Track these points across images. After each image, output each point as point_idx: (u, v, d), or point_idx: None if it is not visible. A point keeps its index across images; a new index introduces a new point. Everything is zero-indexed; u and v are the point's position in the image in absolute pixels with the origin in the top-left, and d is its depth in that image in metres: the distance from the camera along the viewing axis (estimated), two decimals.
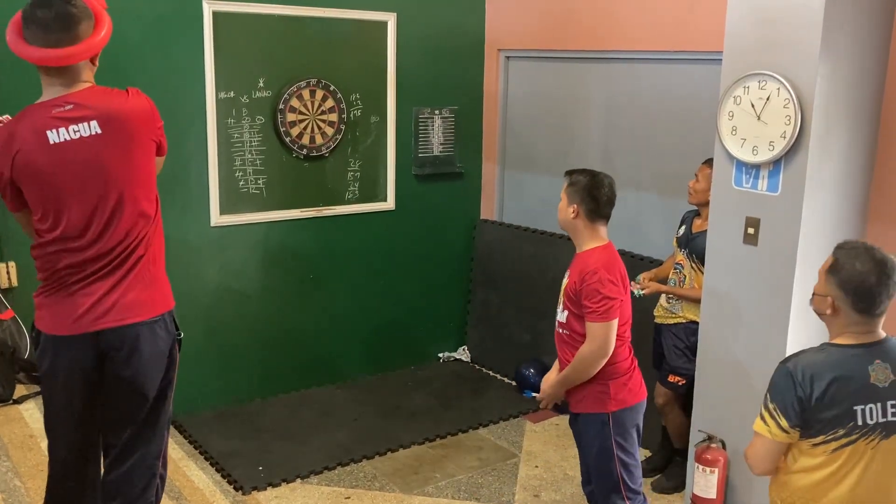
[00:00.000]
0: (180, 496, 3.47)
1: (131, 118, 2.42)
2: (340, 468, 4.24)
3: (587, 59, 4.98)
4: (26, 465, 3.37)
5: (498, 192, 5.71)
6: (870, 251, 2.16)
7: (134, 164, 2.44)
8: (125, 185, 2.42)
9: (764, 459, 2.27)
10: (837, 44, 3.06)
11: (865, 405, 2.15)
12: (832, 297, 2.19)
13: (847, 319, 2.19)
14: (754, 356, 3.31)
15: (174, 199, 4.47)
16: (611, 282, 2.90)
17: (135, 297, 2.50)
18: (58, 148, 2.32)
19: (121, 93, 2.46)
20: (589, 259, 2.95)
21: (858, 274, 2.13)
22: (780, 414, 2.19)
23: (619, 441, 3.02)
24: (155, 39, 4.28)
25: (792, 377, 2.18)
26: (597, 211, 2.97)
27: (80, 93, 2.36)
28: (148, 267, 2.54)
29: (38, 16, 2.26)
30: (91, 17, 2.37)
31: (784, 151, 3.12)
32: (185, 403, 4.67)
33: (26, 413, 3.85)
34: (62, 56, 2.28)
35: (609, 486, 3.06)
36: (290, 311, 5.05)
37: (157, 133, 2.53)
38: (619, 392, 3.00)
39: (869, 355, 2.18)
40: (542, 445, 4.56)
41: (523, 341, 5.36)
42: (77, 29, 2.31)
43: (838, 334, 2.24)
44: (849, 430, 2.17)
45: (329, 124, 4.94)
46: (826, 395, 2.15)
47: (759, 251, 3.29)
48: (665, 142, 4.61)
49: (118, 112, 2.39)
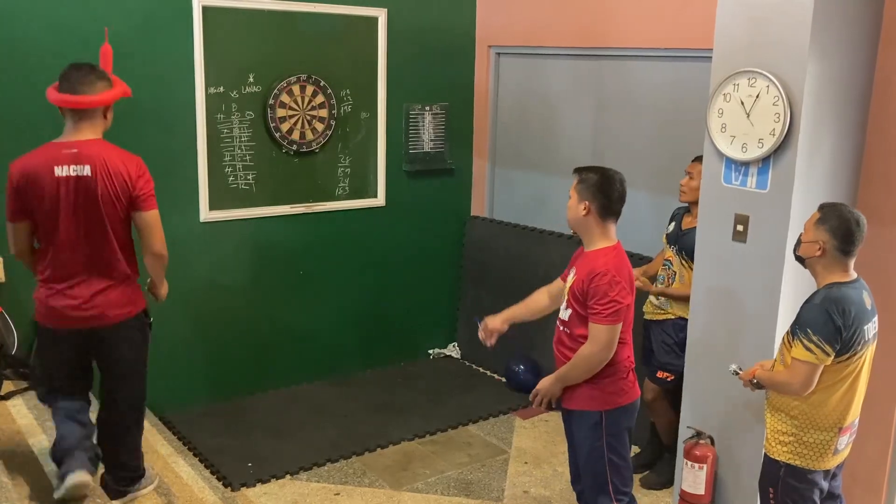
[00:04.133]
0: (169, 492, 3.46)
1: (121, 173, 2.99)
2: (330, 464, 4.24)
3: (578, 55, 4.99)
4: (13, 461, 3.35)
5: (488, 189, 5.71)
6: (847, 208, 2.76)
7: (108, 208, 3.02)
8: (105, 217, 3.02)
9: (811, 381, 2.73)
10: (826, 42, 3.08)
11: (867, 324, 2.75)
12: (821, 242, 2.73)
13: (830, 261, 2.74)
14: (743, 353, 3.32)
15: (163, 194, 4.38)
16: (620, 285, 2.87)
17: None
18: (60, 179, 2.96)
19: (122, 154, 3.02)
20: (598, 259, 2.93)
21: (845, 222, 2.70)
22: (825, 343, 2.68)
23: (610, 442, 3.01)
24: (144, 34, 4.26)
25: (828, 312, 2.68)
26: (608, 208, 2.95)
27: (86, 142, 2.98)
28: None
29: (71, 72, 3.00)
30: (110, 84, 3.05)
31: (773, 149, 3.13)
32: (173, 399, 4.66)
33: (13, 409, 3.83)
34: (80, 101, 2.95)
35: (598, 485, 3.05)
36: (280, 307, 5.04)
37: (132, 196, 3.03)
38: (614, 392, 2.98)
39: (859, 287, 2.78)
40: (531, 442, 4.56)
41: (513, 338, 5.34)
42: (96, 86, 2.99)
43: (824, 277, 2.77)
44: (862, 346, 2.74)
45: (319, 120, 4.93)
46: (852, 321, 2.69)
47: (748, 248, 3.30)
48: (655, 138, 4.63)
49: (116, 166, 2.99)
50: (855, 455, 3.09)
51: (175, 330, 4.63)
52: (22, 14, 3.95)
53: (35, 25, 3.99)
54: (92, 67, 3.04)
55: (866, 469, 3.52)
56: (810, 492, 2.85)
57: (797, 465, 2.83)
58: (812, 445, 2.81)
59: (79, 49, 4.08)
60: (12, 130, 3.96)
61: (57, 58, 4.00)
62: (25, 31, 3.96)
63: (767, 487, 2.93)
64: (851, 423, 2.85)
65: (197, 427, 4.53)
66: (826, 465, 2.84)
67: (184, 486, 3.57)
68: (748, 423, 3.35)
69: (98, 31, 4.06)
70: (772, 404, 2.91)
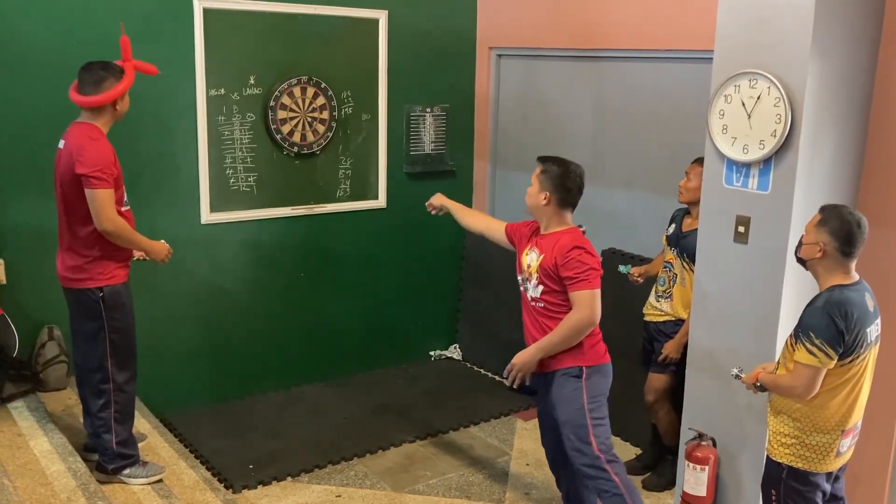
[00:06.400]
0: (170, 494, 3.46)
1: (71, 153, 3.29)
2: (331, 466, 4.24)
3: (579, 57, 4.99)
4: (14, 463, 3.35)
5: (489, 190, 5.71)
6: (848, 210, 2.75)
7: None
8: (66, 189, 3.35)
9: (814, 384, 2.72)
10: (827, 42, 3.07)
11: (869, 327, 2.74)
12: (822, 244, 2.72)
13: (832, 263, 2.73)
14: (744, 354, 3.32)
15: (164, 196, 4.45)
16: (590, 254, 3.13)
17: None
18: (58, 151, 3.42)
19: (87, 138, 3.28)
20: (563, 237, 3.17)
21: (846, 224, 2.70)
22: (828, 346, 2.67)
23: (591, 405, 3.17)
24: (145, 36, 4.26)
25: (830, 315, 2.67)
26: (566, 200, 3.21)
27: (74, 124, 3.38)
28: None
29: (82, 74, 3.35)
30: (118, 77, 3.33)
31: (774, 150, 3.13)
32: (174, 401, 4.66)
33: (14, 412, 3.82)
34: (83, 101, 3.32)
35: (580, 438, 3.17)
36: (281, 308, 5.04)
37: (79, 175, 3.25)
38: (592, 348, 3.19)
39: (861, 289, 2.77)
40: (532, 443, 4.56)
41: (514, 339, 5.32)
42: (101, 86, 3.31)
43: (826, 279, 2.76)
44: (864, 348, 2.74)
45: (320, 122, 4.93)
46: (855, 324, 2.68)
47: (750, 249, 3.30)
48: (656, 140, 4.62)
49: (70, 145, 3.31)
50: (857, 457, 3.09)
51: (176, 331, 4.63)
52: (23, 15, 3.95)
53: (36, 27, 3.99)
54: (102, 66, 3.33)
55: (869, 471, 3.51)
56: (813, 494, 2.84)
57: (799, 468, 2.83)
58: (814, 447, 2.81)
59: (79, 50, 4.09)
60: (13, 126, 4.01)
61: (58, 58, 4.03)
62: (26, 31, 3.97)
63: (770, 489, 2.93)
64: (854, 426, 2.85)
65: (198, 428, 4.53)
66: (829, 467, 2.84)
67: (185, 488, 3.57)
68: (750, 425, 3.35)
69: (99, 32, 4.09)
70: (774, 406, 2.90)
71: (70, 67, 4.06)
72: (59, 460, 3.40)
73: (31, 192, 4.03)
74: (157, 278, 4.39)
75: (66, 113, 4.08)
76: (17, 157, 4.03)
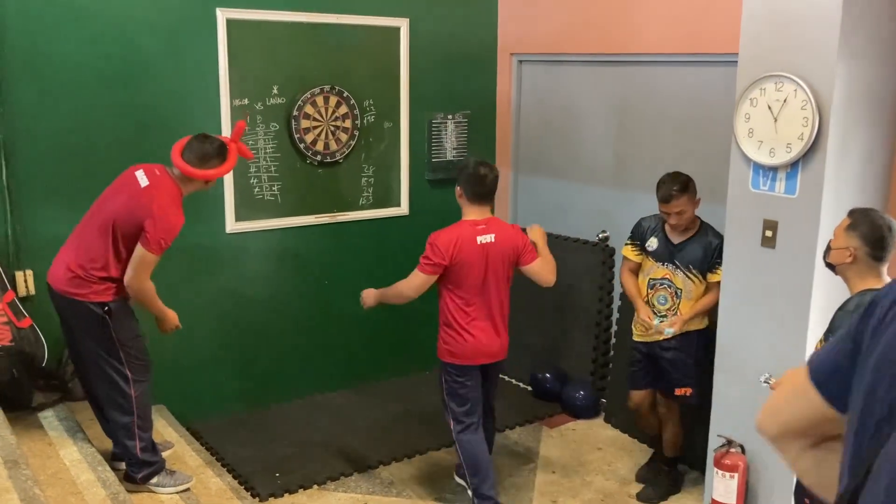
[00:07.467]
0: (198, 503, 3.48)
1: (150, 201, 3.38)
2: (357, 474, 4.23)
3: (600, 62, 4.97)
4: (45, 472, 3.39)
5: (511, 197, 5.70)
6: (878, 213, 2.73)
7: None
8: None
9: None
10: (855, 44, 3.04)
11: None
12: (852, 248, 2.68)
13: (863, 267, 2.69)
14: (773, 360, 3.28)
15: (189, 206, 4.44)
16: (434, 245, 3.89)
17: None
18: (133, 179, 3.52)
19: (170, 199, 3.40)
20: (504, 224, 3.91)
21: (878, 228, 2.67)
22: None
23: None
24: (169, 47, 4.31)
25: None
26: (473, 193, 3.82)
27: (164, 173, 3.48)
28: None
29: (194, 142, 3.46)
30: (222, 161, 3.47)
31: (802, 153, 3.10)
32: (200, 410, 4.68)
33: (45, 421, 3.86)
34: (183, 168, 3.41)
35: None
36: (305, 316, 5.05)
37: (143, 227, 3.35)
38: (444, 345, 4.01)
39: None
40: (559, 451, 4.53)
41: (539, 346, 5.34)
42: (207, 163, 3.43)
43: (857, 283, 2.72)
44: None
45: (343, 130, 4.95)
46: None
47: (778, 254, 3.26)
48: (680, 145, 4.59)
49: (152, 193, 3.40)
50: None
51: (201, 340, 4.66)
52: (52, 31, 4.00)
53: (64, 42, 4.04)
54: (214, 145, 3.46)
55: None
56: None
57: None
58: None
59: (106, 64, 4.14)
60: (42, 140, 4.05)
61: (86, 72, 4.08)
62: (55, 47, 4.02)
63: (803, 499, 2.88)
64: None
65: (224, 437, 4.55)
66: None
67: (212, 496, 3.59)
68: None
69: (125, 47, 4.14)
70: None
71: (98, 81, 4.14)
72: (89, 469, 3.43)
73: (59, 204, 4.07)
74: (183, 288, 4.42)
75: (94, 126, 4.15)
76: (47, 170, 4.08)
